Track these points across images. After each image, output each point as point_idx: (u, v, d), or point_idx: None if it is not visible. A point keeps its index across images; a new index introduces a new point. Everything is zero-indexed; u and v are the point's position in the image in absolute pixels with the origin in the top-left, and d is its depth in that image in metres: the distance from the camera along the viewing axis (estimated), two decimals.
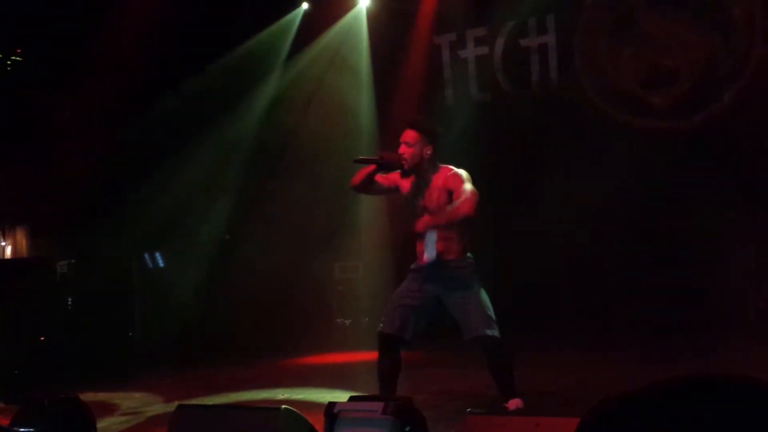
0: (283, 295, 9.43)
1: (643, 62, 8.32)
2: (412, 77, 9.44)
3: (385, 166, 4.69)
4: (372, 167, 4.67)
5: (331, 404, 3.67)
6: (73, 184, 9.27)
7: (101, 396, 6.46)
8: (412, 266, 4.83)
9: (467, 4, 9.13)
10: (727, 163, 7.71)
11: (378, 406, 3.57)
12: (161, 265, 9.68)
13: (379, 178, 4.79)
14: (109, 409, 6.02)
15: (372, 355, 8.25)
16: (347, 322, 9.60)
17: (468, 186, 4.55)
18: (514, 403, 4.55)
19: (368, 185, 4.79)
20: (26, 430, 3.57)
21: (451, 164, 4.75)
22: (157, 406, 6.07)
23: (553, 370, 6.30)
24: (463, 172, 4.67)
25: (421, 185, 4.68)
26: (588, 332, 7.70)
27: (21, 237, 10.40)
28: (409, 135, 4.68)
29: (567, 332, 7.72)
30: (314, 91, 9.83)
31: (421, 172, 4.67)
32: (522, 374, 4.95)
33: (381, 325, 4.84)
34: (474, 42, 9.29)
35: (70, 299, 8.67)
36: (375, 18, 9.66)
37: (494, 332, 4.60)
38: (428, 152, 4.67)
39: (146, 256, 9.72)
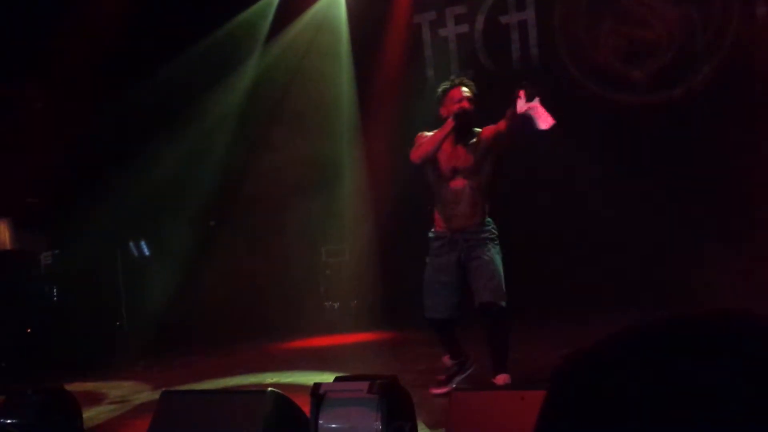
0: (270, 279, 9.43)
1: (621, 36, 8.33)
2: (392, 57, 9.40)
3: (465, 117, 4.70)
4: (451, 124, 4.65)
5: (317, 385, 3.68)
6: (54, 174, 9.18)
7: (89, 386, 6.45)
8: (432, 234, 4.85)
9: None
10: (705, 136, 7.74)
11: (364, 385, 3.58)
12: (147, 253, 9.64)
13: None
14: (96, 398, 6.01)
15: (359, 337, 8.36)
16: (335, 305, 9.62)
17: None
18: (502, 378, 4.58)
19: (438, 148, 4.72)
20: (10, 421, 3.56)
21: None
22: (144, 394, 6.06)
23: (540, 344, 6.33)
24: None
25: (468, 147, 4.76)
26: (576, 307, 7.72)
27: (4, 229, 10.31)
28: (468, 92, 4.79)
29: (555, 306, 7.74)
30: (294, 74, 9.77)
31: (465, 132, 4.75)
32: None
33: (428, 311, 4.83)
34: (454, 20, 9.26)
35: (55, 290, 8.63)
36: None
37: (501, 302, 4.64)
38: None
39: (131, 244, 9.67)
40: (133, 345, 8.41)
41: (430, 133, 4.77)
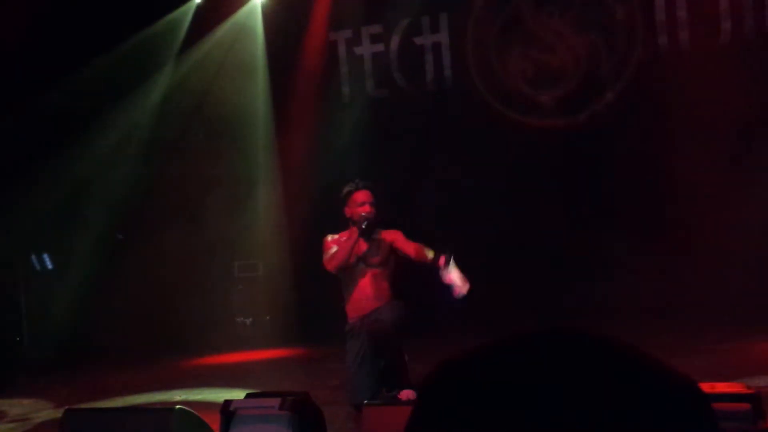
0: (181, 295, 9.25)
1: (529, 61, 8.63)
2: (308, 73, 9.44)
3: (371, 228, 5.02)
4: (356, 234, 4.98)
5: (227, 402, 3.66)
6: None
7: None
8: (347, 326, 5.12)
9: (362, 1, 9.21)
10: (609, 161, 8.10)
11: (275, 402, 3.58)
12: (49, 266, 9.32)
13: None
14: None
15: (272, 353, 8.30)
16: (248, 320, 9.52)
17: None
18: (405, 394, 4.69)
19: (350, 256, 5.04)
20: None
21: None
22: (46, 412, 5.86)
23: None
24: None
25: (373, 242, 5.09)
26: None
27: None
28: (369, 195, 5.09)
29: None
30: (208, 86, 9.66)
31: (374, 230, 5.08)
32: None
33: (350, 396, 4.99)
34: (370, 39, 9.37)
35: None
36: (270, 12, 9.59)
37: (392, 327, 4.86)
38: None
39: (34, 257, 9.34)
40: (34, 361, 8.11)
41: (335, 236, 5.13)
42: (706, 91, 7.57)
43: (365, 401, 4.75)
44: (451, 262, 4.72)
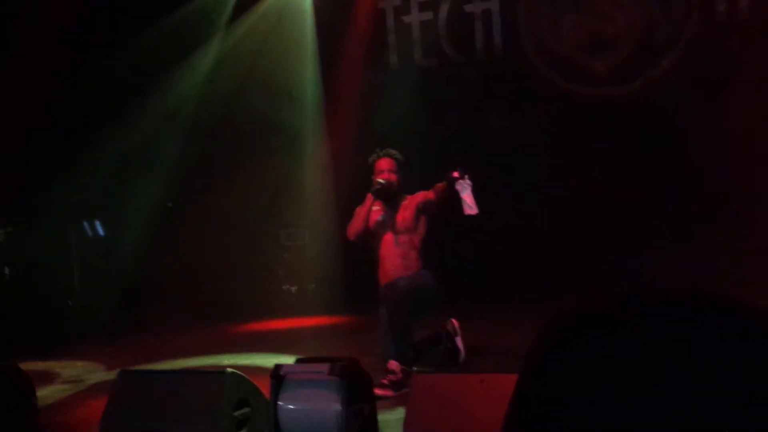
0: (228, 262, 9.35)
1: (584, 28, 8.42)
2: (356, 42, 9.36)
3: (384, 192, 5.06)
4: (371, 199, 5.06)
5: (278, 366, 3.68)
6: (8, 152, 8.98)
7: (41, 365, 6.35)
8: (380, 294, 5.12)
9: None
10: (660, 130, 7.90)
11: (324, 367, 3.59)
12: (101, 233, 9.49)
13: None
14: (49, 378, 5.92)
15: (317, 321, 8.35)
16: (293, 288, 9.59)
17: None
18: (392, 365, 4.76)
19: (367, 222, 5.11)
20: None
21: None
22: (98, 374, 5.99)
23: (496, 330, 6.41)
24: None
25: (391, 210, 5.13)
26: (534, 296, 7.82)
27: None
28: (389, 163, 5.12)
29: (510, 296, 7.82)
30: (257, 56, 9.66)
31: (393, 198, 5.13)
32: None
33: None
34: (418, 7, 9.25)
35: (7, 269, 8.46)
36: None
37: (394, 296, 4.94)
38: (399, 179, 5.15)
39: (86, 224, 9.51)
40: (86, 326, 8.29)
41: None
42: (764, 62, 7.32)
43: (415, 369, 4.78)
44: (467, 182, 4.74)
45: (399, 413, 3.94)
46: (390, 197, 5.11)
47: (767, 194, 7.32)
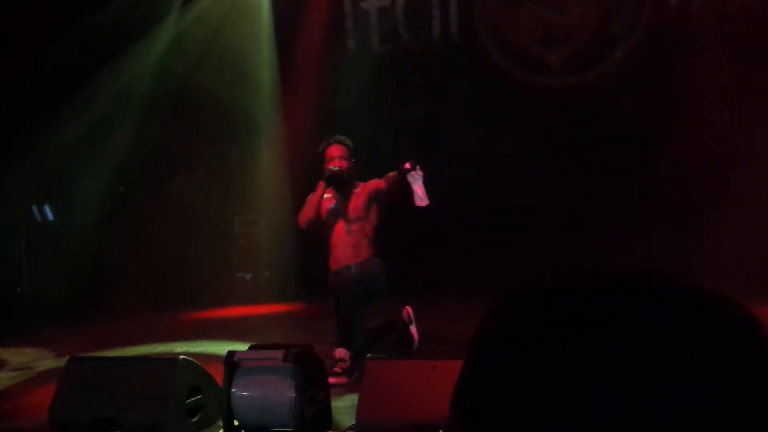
0: (181, 249, 9.24)
1: (539, 19, 8.49)
2: (313, 28, 9.29)
3: (336, 179, 5.06)
4: (322, 186, 5.06)
5: (231, 353, 3.66)
6: None
7: None
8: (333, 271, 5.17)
9: None
10: (615, 121, 8.01)
11: (278, 354, 3.58)
12: (50, 218, 9.30)
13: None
14: None
15: (272, 309, 8.31)
16: (248, 276, 9.52)
17: None
18: (338, 353, 4.80)
19: (318, 210, 5.11)
20: None
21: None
22: (48, 361, 5.88)
23: (451, 317, 6.46)
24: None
25: (343, 198, 5.13)
26: (490, 284, 7.87)
27: None
28: (340, 150, 5.10)
29: (468, 283, 7.87)
30: (213, 37, 9.52)
31: (345, 184, 5.12)
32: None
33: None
34: None
35: None
36: None
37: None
38: (351, 166, 5.13)
39: (35, 208, 9.30)
40: (35, 312, 8.13)
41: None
42: (715, 55, 7.46)
43: (368, 355, 4.80)
44: (418, 173, 4.80)
45: (353, 399, 3.95)
46: (342, 184, 5.11)
47: (723, 177, 7.48)
